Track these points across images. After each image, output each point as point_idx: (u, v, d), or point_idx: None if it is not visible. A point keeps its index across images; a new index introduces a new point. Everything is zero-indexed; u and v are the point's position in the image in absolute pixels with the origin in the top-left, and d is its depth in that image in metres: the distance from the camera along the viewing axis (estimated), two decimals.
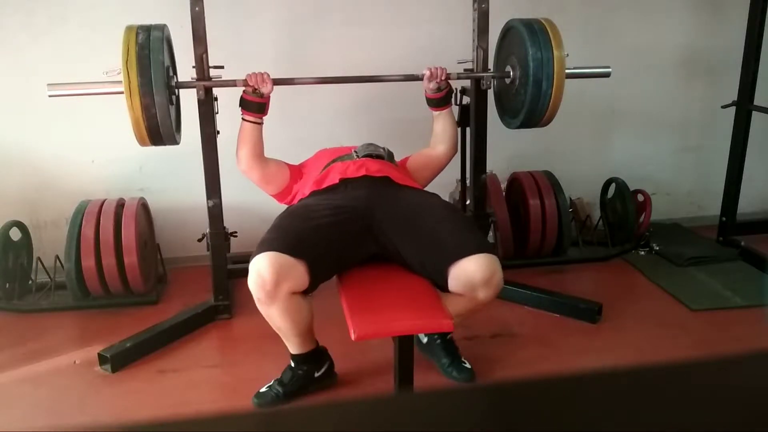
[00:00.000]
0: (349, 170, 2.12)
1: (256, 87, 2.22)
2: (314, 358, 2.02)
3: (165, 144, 2.24)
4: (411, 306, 1.73)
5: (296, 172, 2.34)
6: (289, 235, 1.83)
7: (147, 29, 2.12)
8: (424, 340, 2.18)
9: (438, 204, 2.08)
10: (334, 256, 1.88)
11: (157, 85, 2.06)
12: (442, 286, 1.85)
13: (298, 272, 1.76)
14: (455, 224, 1.95)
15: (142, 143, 2.19)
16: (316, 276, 1.82)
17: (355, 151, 2.27)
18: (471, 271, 1.77)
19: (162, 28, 2.17)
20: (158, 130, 2.13)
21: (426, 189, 2.32)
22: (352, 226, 1.92)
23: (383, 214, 1.95)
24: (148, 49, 2.06)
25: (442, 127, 2.42)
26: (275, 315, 1.82)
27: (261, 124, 2.27)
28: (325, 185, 2.11)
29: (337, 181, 2.09)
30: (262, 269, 1.72)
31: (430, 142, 2.45)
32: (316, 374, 2.03)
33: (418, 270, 1.90)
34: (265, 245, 1.78)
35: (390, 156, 2.34)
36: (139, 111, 2.07)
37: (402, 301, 1.75)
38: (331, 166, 2.20)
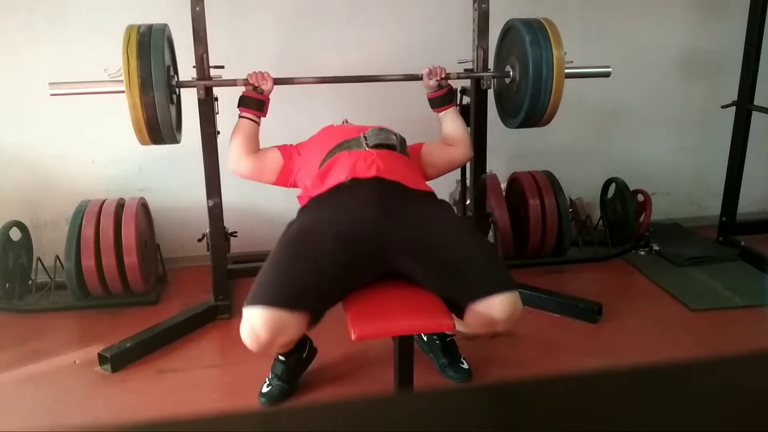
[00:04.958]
0: (358, 166, 1.91)
1: (257, 85, 2.23)
2: (300, 343, 2.02)
3: (165, 143, 2.24)
4: (411, 306, 1.73)
5: (288, 150, 2.21)
6: (289, 283, 1.65)
7: (148, 28, 2.12)
8: (425, 337, 2.18)
9: (453, 224, 1.88)
10: (340, 290, 1.73)
11: (158, 84, 2.07)
12: (455, 314, 1.75)
13: (296, 326, 1.64)
14: (475, 252, 1.77)
15: (142, 142, 2.19)
16: (318, 318, 1.70)
17: (365, 136, 2.06)
18: (495, 312, 1.67)
19: (163, 27, 2.18)
20: (159, 129, 2.14)
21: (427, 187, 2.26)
22: (361, 257, 1.73)
23: (395, 239, 1.75)
24: (149, 49, 2.07)
25: (451, 128, 2.34)
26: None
27: (258, 123, 2.26)
28: (331, 183, 1.91)
29: (345, 179, 1.88)
30: (256, 326, 1.59)
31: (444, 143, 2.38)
32: (304, 356, 2.06)
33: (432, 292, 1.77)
34: (261, 294, 1.63)
35: (402, 144, 2.14)
36: (140, 110, 2.08)
37: (402, 301, 1.75)
38: (338, 154, 2.00)
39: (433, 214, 1.86)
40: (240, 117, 2.26)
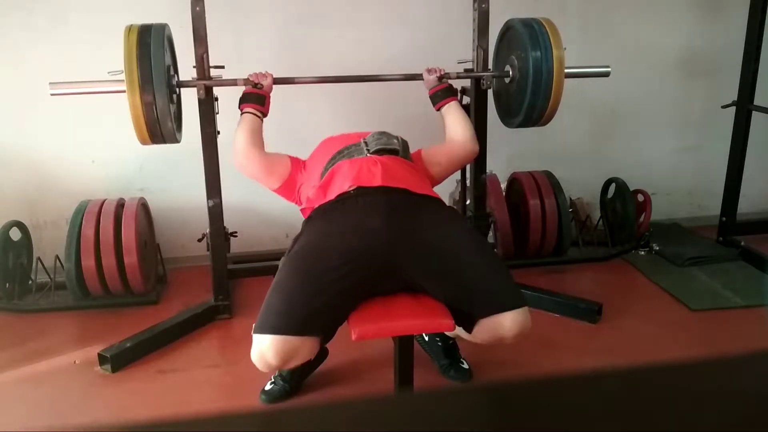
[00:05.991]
0: (362, 175, 1.85)
1: (257, 82, 2.25)
2: None
3: (166, 142, 2.24)
4: (411, 306, 1.73)
5: (297, 162, 2.19)
6: (297, 307, 1.62)
7: (148, 28, 2.13)
8: (426, 337, 2.18)
9: (461, 236, 1.81)
10: (350, 306, 1.68)
11: (158, 83, 2.07)
12: (462, 326, 1.75)
13: (307, 349, 1.63)
14: (484, 268, 1.74)
15: (143, 142, 2.20)
16: (329, 337, 1.71)
17: (365, 142, 2.03)
18: (504, 330, 1.67)
19: (163, 27, 2.18)
20: (159, 128, 2.14)
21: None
22: (369, 272, 1.69)
23: (403, 253, 1.70)
24: (150, 48, 2.07)
25: (454, 121, 2.28)
26: None
27: (260, 118, 2.25)
28: (335, 193, 1.84)
29: (349, 188, 1.81)
30: (267, 355, 1.58)
31: (446, 140, 2.33)
32: (312, 358, 2.01)
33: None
34: (270, 321, 1.60)
35: (404, 147, 2.09)
36: (140, 110, 2.08)
37: (402, 300, 1.75)
38: (339, 163, 1.95)
39: (441, 225, 1.79)
40: (242, 114, 2.26)
